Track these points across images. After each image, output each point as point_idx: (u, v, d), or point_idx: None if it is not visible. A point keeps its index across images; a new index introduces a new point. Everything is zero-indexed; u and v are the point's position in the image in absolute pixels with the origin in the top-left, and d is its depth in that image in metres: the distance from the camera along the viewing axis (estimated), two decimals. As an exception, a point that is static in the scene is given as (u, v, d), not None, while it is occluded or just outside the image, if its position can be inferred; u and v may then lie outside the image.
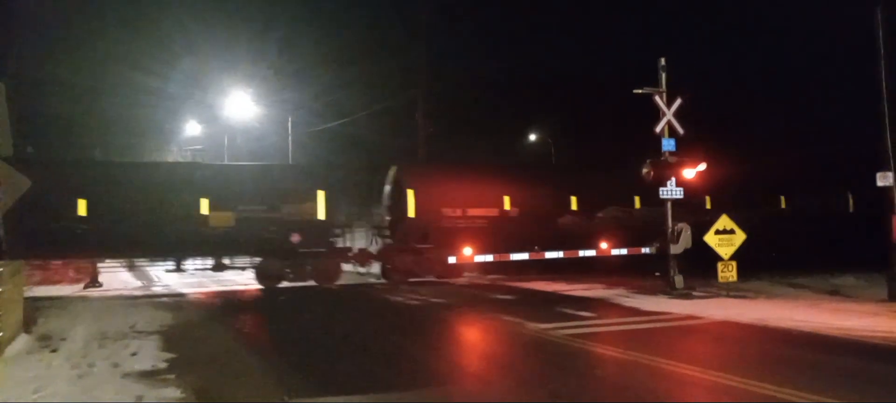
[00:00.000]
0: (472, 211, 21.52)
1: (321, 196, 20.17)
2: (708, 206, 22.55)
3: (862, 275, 17.50)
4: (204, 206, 19.01)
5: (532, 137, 43.49)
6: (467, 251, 21.17)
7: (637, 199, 22.29)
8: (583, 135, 39.04)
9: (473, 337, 12.09)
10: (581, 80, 37.30)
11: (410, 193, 20.94)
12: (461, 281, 21.31)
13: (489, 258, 21.50)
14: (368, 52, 37.38)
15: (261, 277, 20.13)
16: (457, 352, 10.64)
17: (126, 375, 8.18)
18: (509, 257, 21.59)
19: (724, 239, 15.50)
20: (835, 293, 15.69)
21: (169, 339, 10.74)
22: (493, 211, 21.67)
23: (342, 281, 21.19)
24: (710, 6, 36.96)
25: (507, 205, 21.74)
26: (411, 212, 20.84)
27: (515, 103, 40.60)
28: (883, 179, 14.23)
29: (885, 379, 7.80)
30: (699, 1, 38.03)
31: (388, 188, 22.50)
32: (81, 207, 17.84)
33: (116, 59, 34.20)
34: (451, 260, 21.21)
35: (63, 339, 10.70)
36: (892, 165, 14.18)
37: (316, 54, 39.06)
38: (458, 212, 21.27)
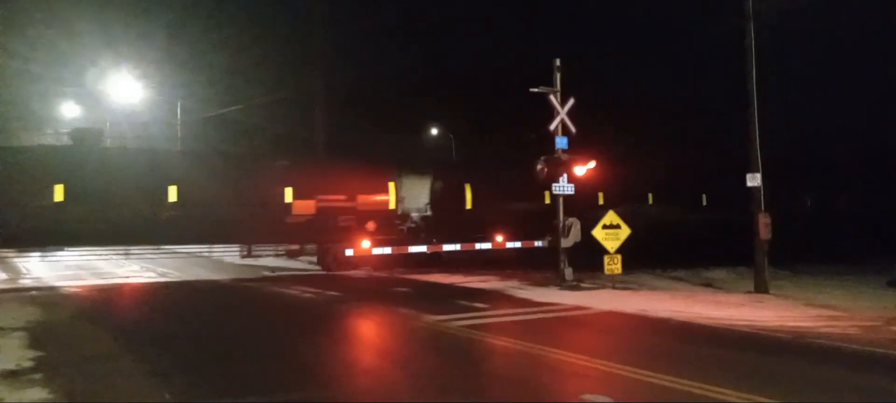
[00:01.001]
0: (508, 206, 23.28)
1: (392, 187, 21.78)
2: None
3: (732, 270, 18.92)
4: (288, 195, 20.19)
5: (433, 131, 43.78)
6: (365, 244, 21.03)
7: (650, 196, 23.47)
8: (484, 131, 39.72)
9: (369, 332, 12.00)
10: (482, 77, 37.89)
11: (468, 188, 22.96)
12: (358, 274, 21.12)
13: (387, 250, 21.45)
14: (266, 38, 36.12)
15: (331, 263, 21.24)
16: (351, 348, 10.51)
17: (-17, 377, 7.47)
18: (407, 250, 21.64)
19: (611, 233, 16.26)
20: (708, 285, 16.86)
21: (36, 337, 9.91)
22: (528, 205, 23.12)
23: (239, 274, 20.46)
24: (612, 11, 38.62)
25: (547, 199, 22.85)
26: (469, 205, 22.85)
27: (417, 98, 40.67)
28: (752, 180, 15.41)
29: (748, 365, 8.46)
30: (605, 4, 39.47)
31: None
32: (172, 194, 18.63)
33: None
34: (348, 252, 21.01)
35: None
36: (759, 167, 15.38)
37: (210, 39, 37.28)
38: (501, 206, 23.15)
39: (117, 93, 34.22)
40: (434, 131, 43.84)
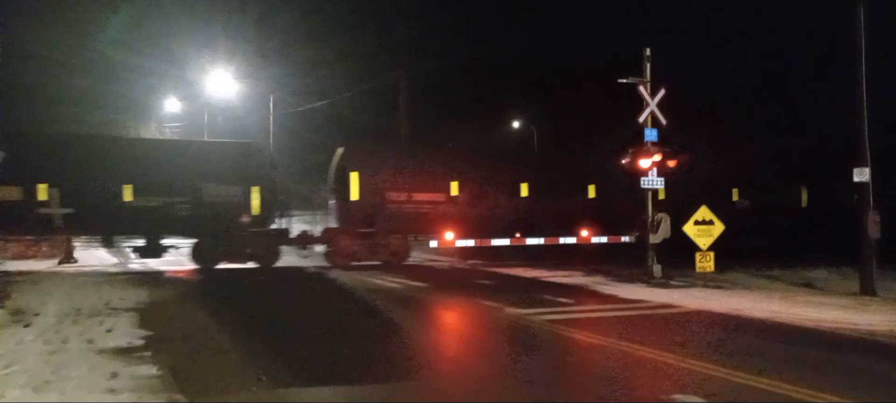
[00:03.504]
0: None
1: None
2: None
3: (834, 269, 17.81)
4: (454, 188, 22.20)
5: (515, 124, 43.44)
6: (449, 235, 21.22)
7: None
8: (564, 121, 39.08)
9: (453, 322, 12.11)
10: (564, 66, 37.26)
11: None
12: (442, 265, 21.35)
13: (470, 243, 21.58)
14: (350, 28, 36.95)
15: None
16: (435, 337, 10.65)
17: (100, 352, 8.07)
18: (491, 243, 21.69)
19: (703, 229, 15.68)
20: (808, 285, 15.96)
21: (144, 317, 10.62)
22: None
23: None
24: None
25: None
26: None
27: (498, 87, 40.53)
28: (859, 175, 14.43)
29: (855, 370, 7.95)
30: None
31: None
32: (354, 188, 20.52)
33: (91, 33, 33.46)
34: (433, 244, 21.30)
35: (36, 314, 10.53)
36: (868, 161, 14.37)
37: (296, 31, 38.52)
38: None
39: (214, 88, 35.98)
40: (516, 124, 43.50)
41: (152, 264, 20.82)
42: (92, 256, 22.26)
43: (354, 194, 20.33)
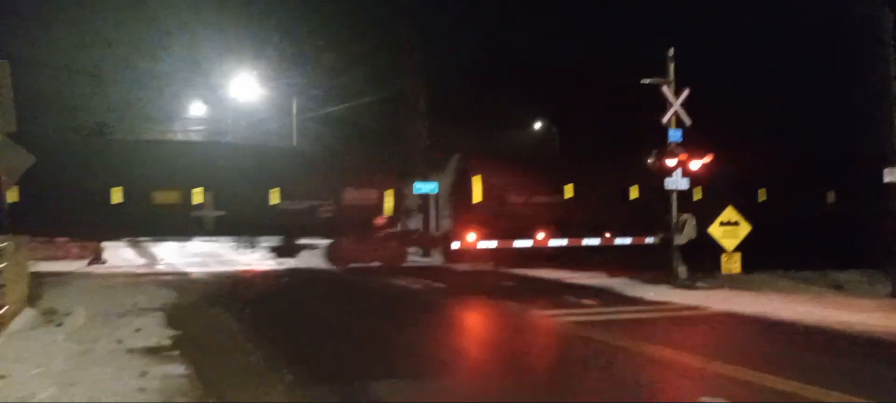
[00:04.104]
0: None
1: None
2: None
3: (865, 271, 17.44)
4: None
5: (537, 126, 43.20)
6: (470, 237, 21.21)
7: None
8: (586, 122, 38.70)
9: (475, 323, 12.10)
10: (582, 67, 36.85)
11: None
12: (463, 267, 21.33)
13: (492, 244, 21.56)
14: (365, 32, 37.03)
15: None
16: (457, 338, 10.66)
17: (130, 351, 8.21)
18: (512, 244, 21.64)
19: (729, 230, 15.48)
20: (838, 288, 15.65)
21: (172, 317, 10.77)
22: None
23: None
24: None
25: None
26: None
27: (505, 89, 40.23)
28: (890, 175, 14.14)
29: (885, 373, 7.79)
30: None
31: None
32: (477, 191, 21.54)
33: (115, 40, 33.90)
34: (455, 245, 21.31)
35: (67, 314, 10.73)
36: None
37: (317, 38, 38.67)
38: None
39: (238, 93, 36.40)
40: (537, 125, 43.22)
41: (178, 265, 21.11)
42: (120, 257, 22.64)
43: (477, 196, 21.18)
